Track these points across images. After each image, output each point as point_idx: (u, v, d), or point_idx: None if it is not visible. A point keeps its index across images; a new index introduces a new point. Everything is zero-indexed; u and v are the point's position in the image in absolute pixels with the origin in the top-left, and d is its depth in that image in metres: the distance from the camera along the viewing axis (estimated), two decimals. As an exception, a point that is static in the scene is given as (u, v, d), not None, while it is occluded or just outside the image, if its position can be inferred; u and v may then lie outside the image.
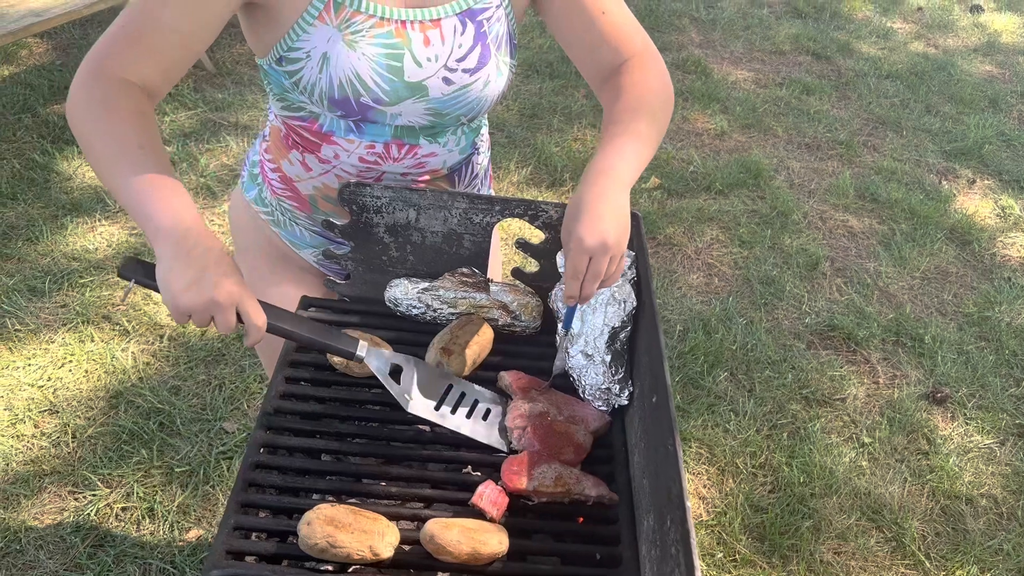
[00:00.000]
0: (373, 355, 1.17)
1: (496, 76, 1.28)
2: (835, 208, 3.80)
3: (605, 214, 1.09)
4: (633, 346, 1.25)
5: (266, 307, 1.09)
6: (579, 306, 1.24)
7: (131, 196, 1.03)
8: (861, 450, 2.63)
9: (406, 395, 1.16)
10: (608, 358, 1.21)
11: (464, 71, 1.24)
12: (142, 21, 1.09)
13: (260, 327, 1.05)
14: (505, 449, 1.16)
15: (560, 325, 1.29)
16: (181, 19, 1.10)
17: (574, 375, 1.23)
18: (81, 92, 1.08)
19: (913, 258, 3.51)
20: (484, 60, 1.26)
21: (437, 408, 1.17)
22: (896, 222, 3.73)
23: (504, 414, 1.19)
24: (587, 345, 1.23)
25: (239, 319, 1.04)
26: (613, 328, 1.23)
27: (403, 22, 1.19)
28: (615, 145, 1.17)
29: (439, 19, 1.21)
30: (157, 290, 1.03)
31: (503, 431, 1.17)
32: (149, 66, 1.11)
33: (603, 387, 1.21)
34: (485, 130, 1.50)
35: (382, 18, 1.18)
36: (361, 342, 1.17)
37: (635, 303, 1.24)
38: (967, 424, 2.76)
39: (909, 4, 6.14)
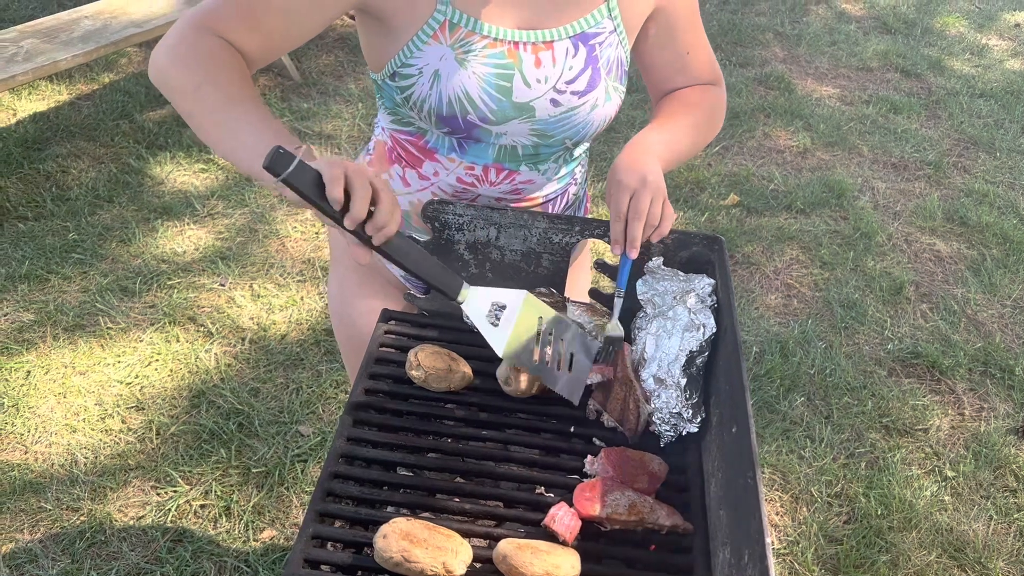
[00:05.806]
0: (473, 298, 1.13)
1: (604, 100, 1.29)
2: (922, 231, 3.67)
3: (643, 161, 1.19)
4: (712, 373, 1.23)
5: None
6: (632, 261, 1.25)
7: (251, 141, 1.02)
8: (944, 484, 2.53)
9: (501, 340, 1.14)
10: (683, 382, 1.19)
11: (572, 93, 1.26)
12: None
13: (393, 211, 0.99)
14: (575, 402, 1.20)
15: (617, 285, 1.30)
16: (292, 4, 1.12)
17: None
18: (183, 44, 1.07)
19: (1004, 285, 3.37)
20: (594, 84, 1.27)
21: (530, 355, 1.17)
22: (987, 247, 3.58)
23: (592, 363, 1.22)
24: (660, 369, 1.20)
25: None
26: (690, 352, 1.21)
27: (516, 43, 1.21)
28: (652, 125, 1.30)
29: (552, 41, 1.23)
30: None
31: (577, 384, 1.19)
32: (251, 40, 1.12)
33: (674, 411, 1.18)
34: (585, 161, 1.50)
35: (495, 39, 1.20)
36: (465, 286, 1.12)
37: (714, 328, 1.23)
38: (1059, 462, 2.63)
39: (1005, 20, 5.91)
